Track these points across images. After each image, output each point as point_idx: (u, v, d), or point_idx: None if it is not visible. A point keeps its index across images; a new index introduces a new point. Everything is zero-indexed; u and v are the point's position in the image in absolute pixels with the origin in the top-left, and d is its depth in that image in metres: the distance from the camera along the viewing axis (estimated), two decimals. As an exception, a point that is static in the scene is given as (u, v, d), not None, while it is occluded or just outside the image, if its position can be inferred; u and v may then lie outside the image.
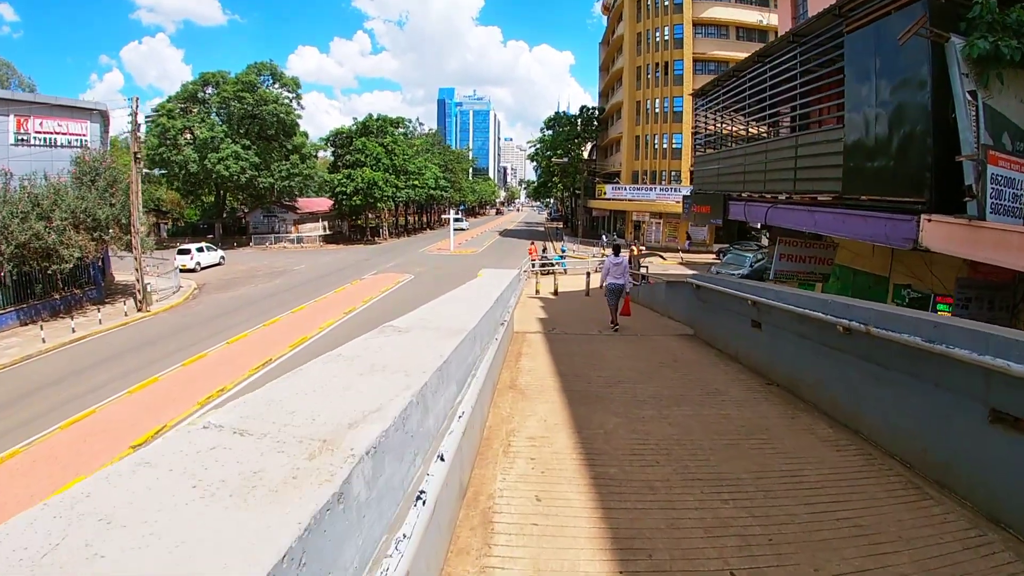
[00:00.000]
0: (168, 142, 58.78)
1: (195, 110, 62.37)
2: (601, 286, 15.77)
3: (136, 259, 30.64)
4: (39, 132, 33.86)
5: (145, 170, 65.01)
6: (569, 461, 5.87)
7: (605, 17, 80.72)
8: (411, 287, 35.66)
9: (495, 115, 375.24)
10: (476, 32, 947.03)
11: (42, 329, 25.37)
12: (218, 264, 48.43)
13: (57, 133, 34.61)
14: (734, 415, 7.48)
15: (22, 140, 33.12)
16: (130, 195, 30.39)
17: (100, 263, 33.02)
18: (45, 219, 27.06)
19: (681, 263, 48.15)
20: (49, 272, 28.28)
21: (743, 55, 56.55)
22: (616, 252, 15.84)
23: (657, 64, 61.51)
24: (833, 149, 12.36)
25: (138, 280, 30.56)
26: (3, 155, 31.11)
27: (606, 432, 6.73)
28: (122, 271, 40.48)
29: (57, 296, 30.13)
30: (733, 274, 33.03)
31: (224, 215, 70.49)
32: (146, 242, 34.15)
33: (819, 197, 13.17)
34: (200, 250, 46.97)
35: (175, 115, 60.26)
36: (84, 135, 35.30)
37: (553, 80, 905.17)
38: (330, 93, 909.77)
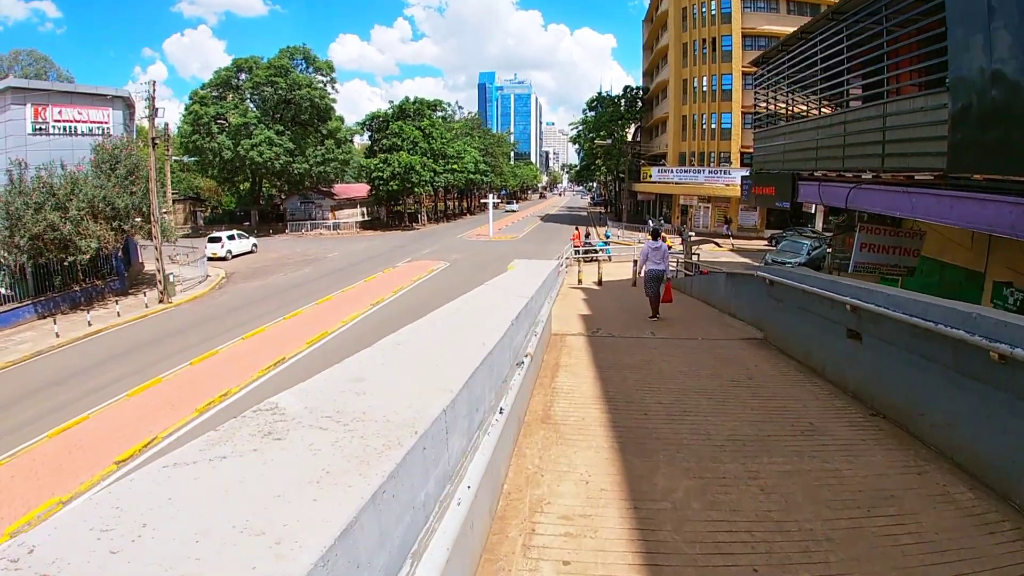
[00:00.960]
0: (201, 129, 58.15)
1: (229, 96, 61.59)
2: (640, 274, 15.08)
3: (157, 248, 29.52)
4: (58, 121, 32.88)
5: (177, 158, 64.94)
6: (621, 569, 3.88)
7: (649, -7, 77.63)
8: (445, 276, 33.87)
9: (536, 98, 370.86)
10: (516, 16, 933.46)
11: (55, 323, 24.32)
12: (250, 252, 47.33)
13: (77, 121, 33.59)
14: (845, 471, 5.41)
15: (40, 129, 32.22)
16: (150, 182, 28.94)
17: (121, 253, 31.82)
18: (61, 209, 26.17)
19: (732, 250, 45.55)
20: (67, 263, 27.46)
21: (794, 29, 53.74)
22: (655, 236, 14.79)
23: (704, 40, 58.22)
24: (934, 118, 10.14)
25: (159, 270, 29.43)
26: (21, 144, 30.42)
27: (675, 506, 4.66)
28: (153, 260, 39.84)
29: (77, 288, 29.30)
30: (789, 262, 30.90)
31: (261, 202, 69.78)
32: (170, 230, 33.21)
33: (916, 176, 10.98)
34: (231, 238, 46.02)
35: (208, 102, 59.52)
36: (106, 123, 34.22)
37: (595, 63, 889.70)
38: (372, 81, 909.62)
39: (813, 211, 51.32)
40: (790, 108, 18.24)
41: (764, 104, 19.92)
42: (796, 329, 9.79)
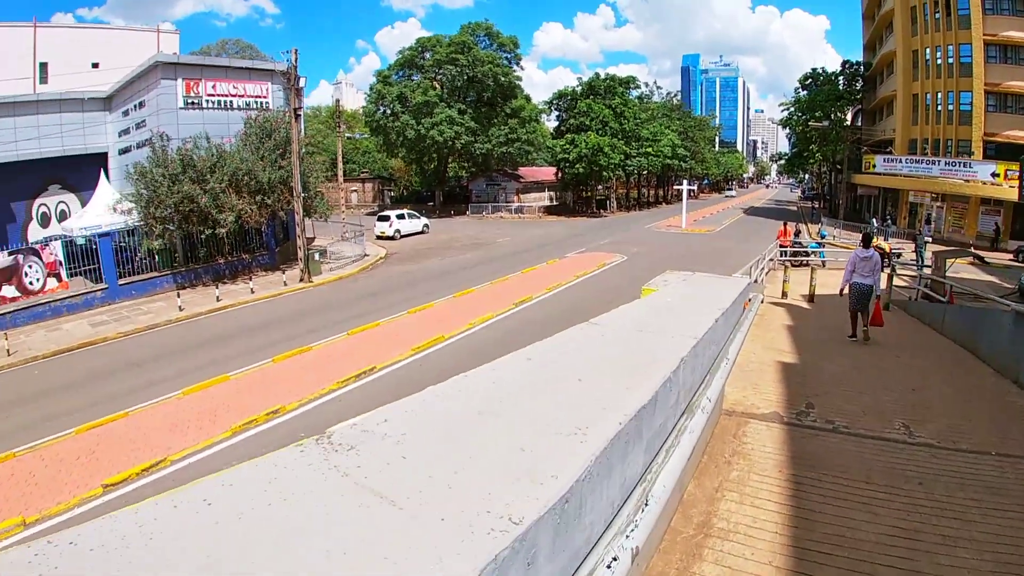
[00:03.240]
0: (385, 108, 57.73)
1: (413, 76, 60.33)
2: (841, 292, 12.73)
3: (299, 225, 27.50)
4: (211, 95, 31.80)
5: (350, 135, 65.17)
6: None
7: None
8: (616, 272, 28.69)
9: (744, 83, 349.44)
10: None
11: (179, 297, 23.50)
12: (421, 232, 44.99)
13: (232, 96, 32.45)
14: None
15: (192, 103, 31.18)
16: (293, 156, 26.79)
17: (265, 228, 30.20)
18: (200, 181, 25.20)
19: (972, 263, 35.00)
20: (205, 236, 26.42)
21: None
22: (866, 243, 12.50)
23: (936, 2, 47.19)
24: None
25: (300, 247, 27.18)
26: (171, 120, 29.89)
27: None
28: (325, 235, 38.92)
29: (222, 260, 28.35)
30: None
31: (447, 183, 68.11)
32: (323, 207, 31.36)
33: None
34: (400, 217, 43.89)
35: (391, 82, 58.62)
36: (264, 97, 33.02)
37: (807, 47, 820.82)
38: (576, 68, 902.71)
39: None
40: None
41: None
42: None
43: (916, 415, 7.07)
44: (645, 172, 76.07)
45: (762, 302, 14.36)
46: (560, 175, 64.03)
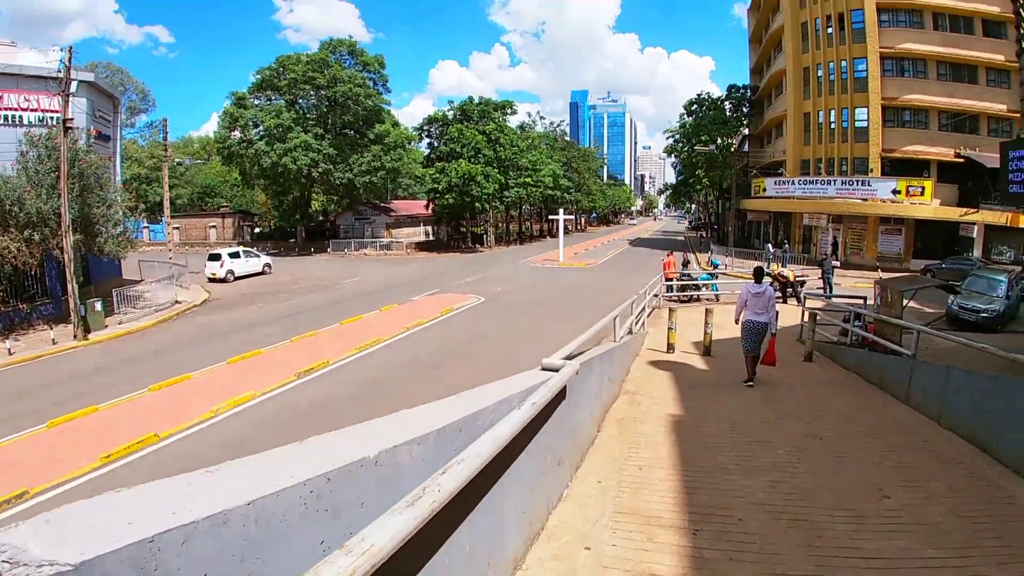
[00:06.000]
0: (237, 133, 53.02)
1: (273, 98, 55.68)
2: (737, 322, 11.40)
3: (68, 269, 22.18)
4: None
5: (179, 160, 60.55)
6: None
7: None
8: (463, 320, 24.61)
9: (631, 119, 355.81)
10: (613, 40, 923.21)
11: None
12: (261, 273, 40.12)
13: (22, 109, 27.40)
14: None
15: None
16: (61, 180, 21.86)
17: (37, 271, 24.95)
18: None
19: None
20: None
21: (946, 1, 41.00)
22: (758, 278, 11.55)
23: (828, 17, 46.15)
24: None
25: (72, 296, 22.08)
26: None
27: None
28: (153, 276, 34.32)
29: None
30: (984, 310, 21.44)
31: (315, 217, 63.56)
32: (116, 245, 25.96)
33: None
34: (235, 256, 38.83)
35: (247, 104, 53.59)
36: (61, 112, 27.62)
37: (693, 86, 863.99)
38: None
39: (973, 235, 39.28)
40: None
41: None
42: None
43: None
44: (526, 204, 73.03)
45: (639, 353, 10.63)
46: (431, 207, 60.11)
